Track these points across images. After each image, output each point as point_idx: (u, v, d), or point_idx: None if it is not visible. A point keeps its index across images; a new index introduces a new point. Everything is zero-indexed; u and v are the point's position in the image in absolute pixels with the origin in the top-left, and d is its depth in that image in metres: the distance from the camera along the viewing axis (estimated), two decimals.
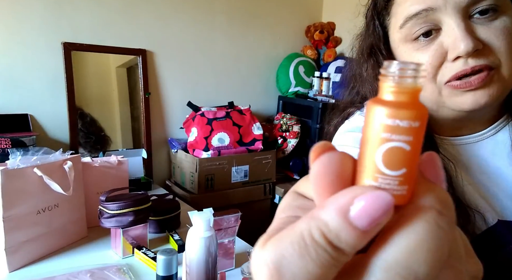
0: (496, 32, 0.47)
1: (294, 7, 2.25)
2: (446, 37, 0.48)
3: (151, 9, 1.76)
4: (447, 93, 0.50)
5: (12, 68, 1.47)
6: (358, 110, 0.65)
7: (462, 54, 0.46)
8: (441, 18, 0.48)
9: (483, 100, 0.48)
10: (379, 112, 0.17)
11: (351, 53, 0.65)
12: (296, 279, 0.16)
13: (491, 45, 0.47)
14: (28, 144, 1.32)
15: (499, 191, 0.54)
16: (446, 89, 0.50)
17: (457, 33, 0.46)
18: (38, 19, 1.50)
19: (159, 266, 0.75)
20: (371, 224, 0.16)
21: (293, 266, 0.16)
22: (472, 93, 0.48)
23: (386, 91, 0.18)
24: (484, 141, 0.56)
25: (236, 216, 0.90)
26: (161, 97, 1.86)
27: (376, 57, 0.58)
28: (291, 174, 2.03)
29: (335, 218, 0.16)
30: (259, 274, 0.18)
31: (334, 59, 2.17)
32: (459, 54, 0.46)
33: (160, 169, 1.89)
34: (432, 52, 0.49)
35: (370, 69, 0.59)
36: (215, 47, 1.99)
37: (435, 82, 0.50)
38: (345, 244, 0.16)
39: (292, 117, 1.99)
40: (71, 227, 1.04)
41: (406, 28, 0.51)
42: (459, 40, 0.46)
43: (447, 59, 0.48)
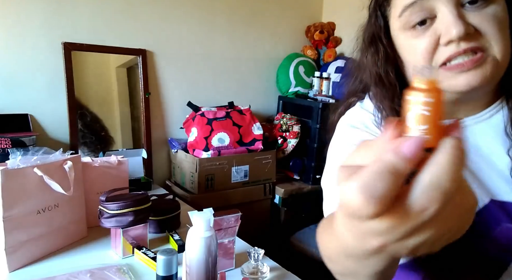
0: (487, 17, 0.50)
1: (294, 7, 2.25)
2: (439, 23, 0.52)
3: (151, 9, 1.76)
4: (441, 76, 0.53)
5: (12, 68, 1.47)
6: (358, 101, 0.69)
7: (454, 38, 0.50)
8: (436, 6, 0.51)
9: (476, 81, 0.51)
10: (410, 94, 0.28)
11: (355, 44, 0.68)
12: (377, 197, 0.25)
13: (481, 30, 0.50)
14: (28, 144, 1.32)
15: (492, 172, 0.56)
16: (440, 71, 0.53)
17: (449, 19, 0.50)
18: (38, 19, 1.50)
19: (159, 266, 0.75)
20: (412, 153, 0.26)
21: (376, 188, 0.25)
22: (465, 75, 0.51)
23: (415, 82, 0.28)
24: (479, 124, 0.58)
25: (236, 216, 0.90)
26: (161, 97, 1.86)
27: (376, 45, 0.62)
28: (291, 174, 2.03)
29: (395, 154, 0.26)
30: (348, 200, 0.26)
31: (334, 59, 2.17)
32: (451, 39, 0.50)
33: (160, 169, 1.89)
34: (427, 38, 0.53)
35: (370, 56, 0.63)
36: (215, 47, 1.99)
37: None
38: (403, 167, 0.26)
39: (292, 117, 2.00)
40: (71, 227, 1.04)
41: (404, 16, 0.54)
42: (451, 25, 0.49)
43: (440, 44, 0.52)
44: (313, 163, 1.93)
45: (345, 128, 0.67)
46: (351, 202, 0.26)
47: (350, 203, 0.26)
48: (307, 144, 1.97)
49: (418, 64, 0.55)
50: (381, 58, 0.62)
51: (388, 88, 0.62)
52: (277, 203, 1.91)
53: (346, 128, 0.67)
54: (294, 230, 1.79)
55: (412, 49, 0.56)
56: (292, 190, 1.90)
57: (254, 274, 0.87)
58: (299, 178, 2.03)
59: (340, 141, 0.67)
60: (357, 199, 0.25)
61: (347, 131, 0.66)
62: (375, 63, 0.63)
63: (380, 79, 0.63)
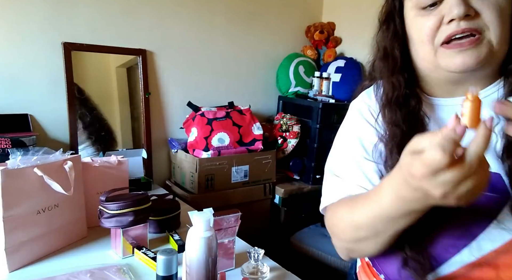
0: (489, 3, 0.56)
1: (294, 7, 2.25)
2: (445, 4, 0.58)
3: (151, 9, 1.76)
4: (441, 54, 0.60)
5: (12, 68, 1.47)
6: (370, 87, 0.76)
7: (455, 17, 0.56)
8: None
9: (471, 61, 0.57)
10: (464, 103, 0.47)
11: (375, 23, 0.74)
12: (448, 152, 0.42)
13: (482, 14, 0.56)
14: (28, 144, 1.32)
15: None
16: (441, 50, 0.59)
17: (453, 0, 0.56)
18: (38, 19, 1.50)
19: (159, 266, 0.75)
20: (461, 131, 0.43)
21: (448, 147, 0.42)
22: (462, 55, 0.58)
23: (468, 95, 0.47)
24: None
25: (236, 216, 0.90)
26: (161, 97, 1.86)
27: (388, 23, 0.68)
28: (291, 174, 2.03)
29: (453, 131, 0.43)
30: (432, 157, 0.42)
31: (334, 59, 2.17)
32: (452, 17, 0.56)
33: (160, 169, 1.89)
34: (432, 18, 0.59)
35: (381, 33, 0.70)
36: (215, 47, 1.99)
37: (433, 44, 0.60)
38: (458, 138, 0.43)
39: (292, 117, 1.99)
40: (71, 227, 1.04)
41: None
42: (454, 6, 0.56)
43: (443, 23, 0.58)
44: (313, 163, 1.93)
45: (350, 113, 0.78)
46: (434, 157, 0.42)
47: (433, 158, 0.42)
48: (307, 144, 1.97)
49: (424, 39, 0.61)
50: (391, 34, 0.68)
51: (391, 63, 0.68)
52: (277, 203, 1.91)
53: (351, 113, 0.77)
54: (294, 230, 1.79)
55: (418, 27, 0.62)
56: (292, 190, 1.90)
57: (254, 274, 0.87)
58: (299, 178, 2.03)
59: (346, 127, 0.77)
60: (438, 154, 0.42)
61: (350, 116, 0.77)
62: (384, 38, 0.69)
63: (385, 53, 0.69)
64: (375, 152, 0.69)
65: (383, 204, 0.53)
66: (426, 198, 0.47)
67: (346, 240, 0.65)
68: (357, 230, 0.61)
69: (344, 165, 0.73)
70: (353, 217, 0.61)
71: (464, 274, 0.59)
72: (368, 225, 0.58)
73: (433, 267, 0.61)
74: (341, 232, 0.65)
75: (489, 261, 0.58)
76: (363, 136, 0.72)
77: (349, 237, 0.63)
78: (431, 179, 0.43)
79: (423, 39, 0.61)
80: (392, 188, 0.52)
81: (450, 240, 0.60)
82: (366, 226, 0.58)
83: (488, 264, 0.58)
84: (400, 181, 0.49)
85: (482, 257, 0.58)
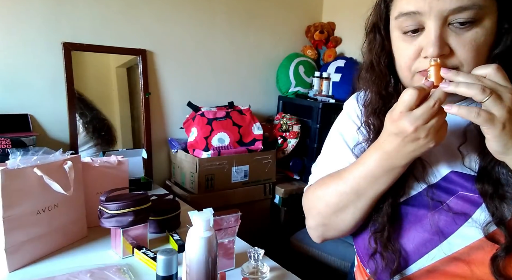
0: (465, 42, 0.58)
1: (294, 7, 2.25)
2: (424, 38, 0.60)
3: (151, 9, 1.76)
4: (417, 80, 0.63)
5: (12, 68, 1.47)
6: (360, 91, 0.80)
7: (429, 56, 0.58)
8: (425, 21, 0.59)
9: None
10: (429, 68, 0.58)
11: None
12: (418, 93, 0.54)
13: (457, 52, 0.58)
14: (28, 144, 1.32)
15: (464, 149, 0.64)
16: (417, 76, 0.63)
17: (431, 37, 0.58)
18: (38, 19, 1.50)
19: (159, 266, 0.75)
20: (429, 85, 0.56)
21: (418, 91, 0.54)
22: None
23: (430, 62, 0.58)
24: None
25: (236, 216, 0.90)
26: (161, 97, 1.86)
27: (374, 34, 0.69)
28: (291, 174, 2.03)
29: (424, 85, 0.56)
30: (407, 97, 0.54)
31: (334, 59, 2.17)
32: (427, 55, 0.59)
33: (160, 169, 1.89)
34: (412, 47, 0.62)
35: (367, 43, 0.72)
36: (215, 47, 1.99)
37: (410, 71, 0.64)
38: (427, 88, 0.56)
39: (292, 117, 2.00)
40: (71, 227, 1.04)
41: (399, 21, 0.62)
42: (430, 45, 0.58)
43: (421, 55, 0.61)
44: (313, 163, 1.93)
45: (340, 114, 0.84)
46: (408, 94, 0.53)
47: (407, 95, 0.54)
48: (307, 144, 1.97)
49: (403, 65, 0.64)
50: (377, 47, 0.69)
51: (378, 75, 0.70)
52: (277, 203, 1.91)
53: (340, 113, 0.84)
54: (294, 230, 1.79)
55: (399, 51, 0.65)
56: (292, 190, 1.90)
57: (254, 274, 0.87)
58: (299, 178, 2.03)
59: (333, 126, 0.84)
60: (411, 92, 0.53)
61: (339, 117, 0.84)
62: (370, 50, 0.71)
63: (372, 66, 0.71)
64: (359, 149, 0.73)
65: (368, 163, 0.62)
66: (404, 143, 0.56)
67: (324, 214, 0.71)
68: (340, 196, 0.67)
69: (324, 155, 0.83)
70: (338, 183, 0.68)
71: (438, 268, 0.62)
72: (353, 187, 0.65)
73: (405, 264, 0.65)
74: (320, 207, 0.71)
75: (460, 257, 0.61)
76: (344, 132, 0.78)
77: (329, 209, 0.69)
78: (406, 116, 0.54)
79: (402, 65, 0.64)
80: (376, 147, 0.61)
81: (421, 239, 0.64)
82: (351, 188, 0.65)
83: (461, 260, 0.61)
84: (383, 136, 0.60)
85: (453, 254, 0.61)
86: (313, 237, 0.77)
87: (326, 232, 0.74)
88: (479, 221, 0.60)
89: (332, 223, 0.71)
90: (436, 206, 0.64)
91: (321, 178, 0.75)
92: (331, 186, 0.69)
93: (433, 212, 0.64)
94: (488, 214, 0.60)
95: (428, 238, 0.63)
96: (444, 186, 0.65)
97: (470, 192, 0.62)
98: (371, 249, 0.68)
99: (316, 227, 0.74)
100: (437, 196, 0.64)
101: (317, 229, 0.75)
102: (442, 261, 0.62)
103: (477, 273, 0.59)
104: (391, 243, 0.65)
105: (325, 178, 0.73)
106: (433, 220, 0.63)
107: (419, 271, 0.64)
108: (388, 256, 0.65)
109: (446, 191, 0.64)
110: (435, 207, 0.64)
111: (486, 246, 0.59)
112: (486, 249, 0.59)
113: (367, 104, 0.73)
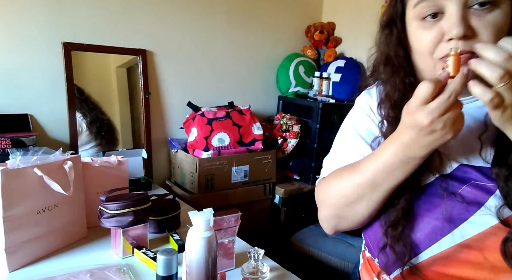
0: (486, 24, 0.58)
1: (294, 7, 2.25)
2: (446, 21, 0.60)
3: (151, 9, 1.76)
4: (440, 67, 0.61)
5: (12, 68, 1.47)
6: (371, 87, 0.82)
7: (454, 37, 0.59)
8: (446, 5, 0.60)
9: None
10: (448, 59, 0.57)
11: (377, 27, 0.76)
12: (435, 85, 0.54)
13: (480, 34, 0.59)
14: (28, 144, 1.32)
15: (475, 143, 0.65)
16: (439, 63, 0.62)
17: (453, 19, 0.59)
18: (38, 19, 1.50)
19: (159, 266, 0.75)
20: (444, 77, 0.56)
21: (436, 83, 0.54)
22: None
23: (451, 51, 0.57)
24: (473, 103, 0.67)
25: (236, 216, 0.90)
26: (161, 97, 1.86)
27: (391, 28, 0.70)
28: (291, 174, 2.03)
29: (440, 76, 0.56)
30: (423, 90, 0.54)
31: (334, 59, 2.17)
32: (451, 37, 0.59)
33: (160, 169, 1.89)
34: (433, 33, 0.62)
35: (383, 38, 0.72)
36: (215, 47, 1.99)
37: (432, 57, 0.64)
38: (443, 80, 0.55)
39: (292, 117, 1.99)
40: (71, 227, 1.04)
41: (418, 7, 0.63)
42: (454, 26, 0.58)
43: (443, 40, 0.61)
44: (313, 163, 1.93)
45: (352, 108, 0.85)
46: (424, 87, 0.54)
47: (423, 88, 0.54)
48: (307, 144, 1.97)
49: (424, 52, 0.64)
50: (393, 40, 0.70)
51: (396, 68, 0.70)
52: (277, 203, 1.91)
53: (353, 108, 0.84)
54: (294, 230, 1.79)
55: (419, 39, 0.65)
56: (292, 190, 1.90)
57: (254, 274, 0.87)
58: (299, 178, 2.03)
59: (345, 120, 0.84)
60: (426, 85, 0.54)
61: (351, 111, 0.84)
62: (387, 44, 0.71)
63: (389, 59, 0.71)
64: (374, 142, 0.74)
65: (385, 155, 0.63)
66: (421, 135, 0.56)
67: (338, 206, 0.71)
68: (355, 187, 0.67)
69: (336, 149, 0.82)
70: (353, 175, 0.68)
71: (449, 256, 0.62)
72: (368, 179, 0.65)
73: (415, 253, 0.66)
74: (335, 198, 0.71)
75: (473, 244, 0.61)
76: (358, 126, 0.79)
77: (344, 200, 0.70)
78: (422, 109, 0.54)
79: (423, 52, 0.64)
80: (393, 139, 0.62)
81: (433, 227, 0.64)
82: (366, 180, 0.65)
83: (473, 247, 0.61)
84: (400, 129, 0.60)
85: (465, 241, 0.61)
86: (325, 229, 0.77)
87: (339, 223, 0.74)
88: (492, 208, 0.60)
89: (346, 215, 0.71)
90: (448, 196, 0.64)
91: (335, 170, 0.75)
92: (345, 177, 0.69)
93: (446, 200, 0.64)
94: (502, 200, 0.60)
95: (439, 225, 0.64)
96: (457, 175, 0.65)
97: (484, 181, 0.62)
98: (382, 242, 0.68)
99: (329, 218, 0.75)
100: (450, 186, 0.64)
101: (330, 220, 0.75)
102: (454, 248, 0.62)
103: (490, 259, 0.59)
104: (404, 236, 0.66)
105: (340, 170, 0.73)
106: (446, 209, 0.63)
107: (429, 259, 0.64)
108: (400, 249, 0.65)
109: (459, 180, 0.64)
110: (447, 196, 0.64)
111: (499, 231, 0.59)
112: (499, 235, 0.59)
113: (384, 98, 0.73)
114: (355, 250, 1.55)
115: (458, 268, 0.61)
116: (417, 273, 0.65)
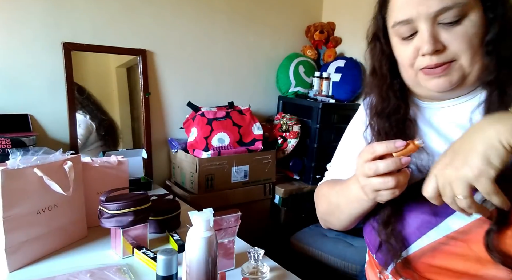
0: (455, 36, 0.63)
1: (294, 7, 2.25)
2: (418, 39, 0.66)
3: (151, 9, 1.76)
4: (421, 77, 0.69)
5: (12, 68, 1.47)
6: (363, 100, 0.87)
7: (426, 53, 0.65)
8: (418, 25, 0.65)
9: (445, 85, 0.67)
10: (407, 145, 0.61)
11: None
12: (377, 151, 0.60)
13: (450, 46, 0.64)
14: (28, 144, 1.32)
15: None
16: (420, 74, 0.69)
17: (424, 37, 0.64)
18: (38, 19, 1.50)
19: (159, 266, 0.75)
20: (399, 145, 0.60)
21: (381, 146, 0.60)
22: (437, 80, 0.67)
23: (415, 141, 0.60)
24: (442, 109, 0.72)
25: (236, 216, 0.90)
26: (161, 97, 1.86)
27: (375, 42, 0.76)
28: (291, 174, 2.03)
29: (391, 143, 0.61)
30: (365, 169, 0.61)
31: (334, 59, 2.17)
32: (424, 53, 0.65)
33: (160, 169, 1.89)
34: (410, 49, 0.68)
35: (369, 50, 0.78)
36: (215, 47, 1.99)
37: (413, 68, 0.69)
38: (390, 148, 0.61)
39: (292, 117, 2.00)
40: (71, 227, 1.04)
41: (395, 29, 0.69)
42: (424, 43, 0.64)
43: (419, 54, 0.67)
44: (313, 163, 1.93)
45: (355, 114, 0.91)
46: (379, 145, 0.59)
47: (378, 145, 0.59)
48: (307, 144, 1.97)
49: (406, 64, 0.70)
50: (377, 53, 0.75)
51: (380, 79, 0.76)
52: (277, 203, 1.91)
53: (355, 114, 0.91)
54: (294, 230, 1.79)
55: (400, 53, 0.71)
56: (292, 190, 1.90)
57: (254, 274, 0.87)
58: (299, 178, 2.03)
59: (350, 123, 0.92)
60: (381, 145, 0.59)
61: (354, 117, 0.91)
62: (372, 56, 0.77)
63: (374, 70, 0.77)
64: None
65: (348, 184, 0.71)
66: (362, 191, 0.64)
67: (322, 212, 0.84)
68: (328, 204, 0.80)
69: (336, 156, 0.92)
70: (330, 193, 0.79)
71: (437, 248, 0.66)
72: (336, 202, 0.76)
73: (405, 246, 0.70)
74: (320, 205, 0.84)
75: (459, 236, 0.64)
76: (353, 134, 0.86)
77: (323, 209, 0.83)
78: (363, 165, 0.60)
79: (404, 64, 0.70)
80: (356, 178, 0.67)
81: (420, 220, 0.68)
82: (335, 202, 0.76)
83: (459, 239, 0.64)
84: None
85: (451, 234, 0.65)
86: (321, 224, 0.89)
87: (327, 224, 0.86)
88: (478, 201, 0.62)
89: (329, 220, 0.83)
90: None
91: (328, 180, 0.86)
92: (325, 193, 0.82)
93: None
94: None
95: (426, 219, 0.67)
96: None
97: None
98: (377, 240, 0.73)
99: (320, 218, 0.87)
100: None
101: (321, 219, 0.87)
102: (441, 240, 0.65)
103: (475, 251, 0.62)
104: (395, 233, 0.70)
105: (328, 182, 0.84)
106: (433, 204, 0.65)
107: (418, 251, 0.68)
108: (393, 246, 0.70)
109: None
110: None
111: (484, 224, 0.61)
112: (484, 227, 0.61)
113: (371, 107, 0.79)
114: (355, 250, 1.55)
115: (445, 260, 0.65)
116: (408, 266, 0.69)
